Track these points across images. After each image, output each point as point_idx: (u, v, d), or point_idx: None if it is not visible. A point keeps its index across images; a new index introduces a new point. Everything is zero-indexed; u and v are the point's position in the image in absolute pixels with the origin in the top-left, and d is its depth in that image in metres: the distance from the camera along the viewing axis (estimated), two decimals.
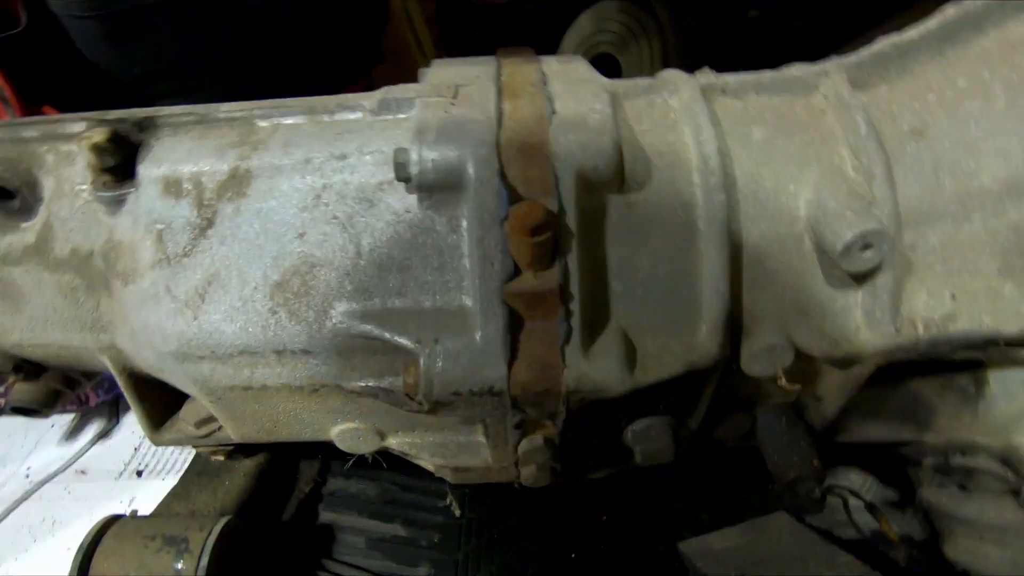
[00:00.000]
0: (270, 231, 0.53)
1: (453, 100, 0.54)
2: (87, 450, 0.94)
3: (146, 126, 0.56)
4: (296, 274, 0.52)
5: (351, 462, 0.71)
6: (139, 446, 0.94)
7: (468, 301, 0.50)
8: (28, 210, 0.58)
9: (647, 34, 1.20)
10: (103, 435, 0.97)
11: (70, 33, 0.79)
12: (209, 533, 0.57)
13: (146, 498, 0.87)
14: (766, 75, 0.58)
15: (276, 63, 0.95)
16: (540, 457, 0.56)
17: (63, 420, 1.02)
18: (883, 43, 0.55)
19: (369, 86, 1.26)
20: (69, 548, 0.86)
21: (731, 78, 0.58)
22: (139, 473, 0.90)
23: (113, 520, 0.59)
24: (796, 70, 0.58)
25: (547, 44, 1.55)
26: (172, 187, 0.54)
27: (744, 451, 0.67)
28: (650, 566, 0.90)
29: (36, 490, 0.87)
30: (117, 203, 0.55)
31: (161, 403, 0.68)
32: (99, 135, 0.52)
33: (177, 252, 0.53)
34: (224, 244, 0.53)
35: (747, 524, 0.88)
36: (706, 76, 0.58)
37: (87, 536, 0.56)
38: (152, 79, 0.86)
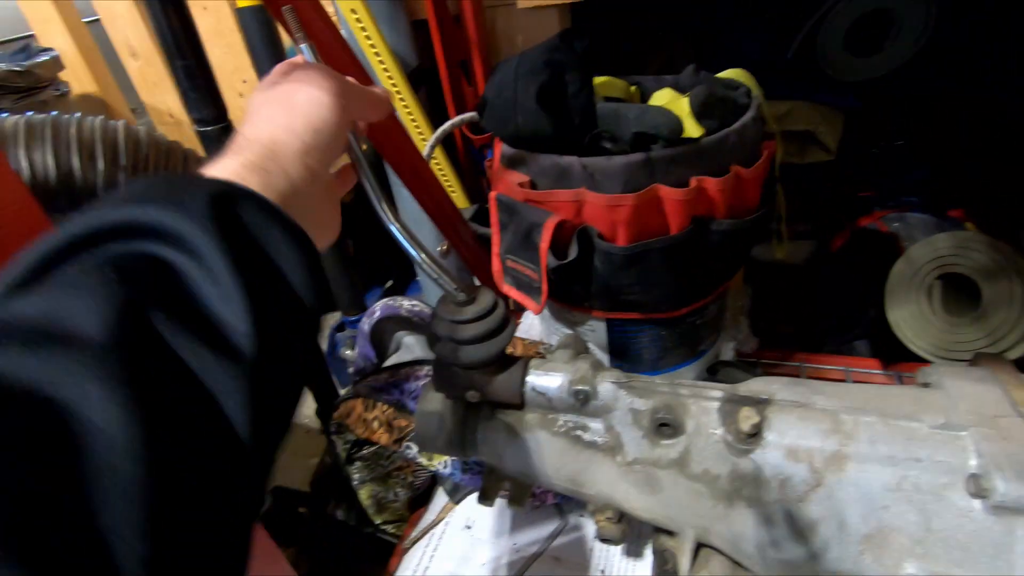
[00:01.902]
0: (861, 498, 0.82)
1: (997, 431, 0.79)
2: (555, 538, 1.33)
3: (761, 403, 0.90)
4: (879, 532, 0.81)
5: None
6: (594, 547, 1.31)
7: None
8: (674, 436, 0.94)
9: (1020, 275, 1.37)
10: (559, 531, 1.36)
11: (596, 261, 1.19)
12: None
13: None
14: None
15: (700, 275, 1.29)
16: None
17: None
18: None
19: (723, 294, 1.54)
20: None
21: None
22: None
23: None
24: None
25: None
26: (793, 454, 0.86)
27: None
28: None
29: (529, 565, 1.25)
30: (743, 451, 0.89)
31: None
32: (755, 416, 0.86)
33: (796, 496, 0.85)
34: (828, 499, 0.83)
35: None
36: None
37: None
38: (615, 292, 1.24)
